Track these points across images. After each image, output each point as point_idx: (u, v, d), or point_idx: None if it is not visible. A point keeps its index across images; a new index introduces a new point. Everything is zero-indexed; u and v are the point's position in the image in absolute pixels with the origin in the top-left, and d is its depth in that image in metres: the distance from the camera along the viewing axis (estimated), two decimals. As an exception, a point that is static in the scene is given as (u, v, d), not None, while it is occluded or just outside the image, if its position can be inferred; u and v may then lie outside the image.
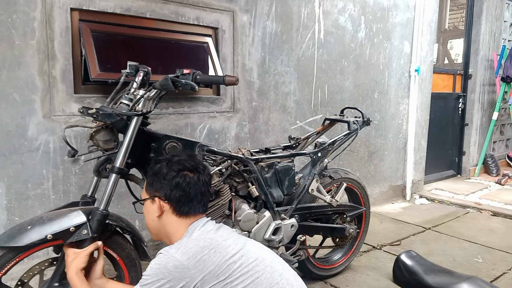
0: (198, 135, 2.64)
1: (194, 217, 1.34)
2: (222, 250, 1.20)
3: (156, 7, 2.41)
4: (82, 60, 2.21)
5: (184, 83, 1.49)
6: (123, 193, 2.28)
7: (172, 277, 1.14)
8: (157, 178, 1.34)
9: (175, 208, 1.33)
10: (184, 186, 1.32)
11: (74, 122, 2.17)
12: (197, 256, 1.17)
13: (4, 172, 2.03)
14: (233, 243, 1.25)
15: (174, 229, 1.34)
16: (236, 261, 1.20)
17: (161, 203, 1.33)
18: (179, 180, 1.32)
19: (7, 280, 1.60)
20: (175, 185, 1.31)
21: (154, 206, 1.34)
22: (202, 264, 1.16)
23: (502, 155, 5.79)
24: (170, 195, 1.32)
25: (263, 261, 1.25)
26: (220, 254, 1.19)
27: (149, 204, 1.36)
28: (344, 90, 3.49)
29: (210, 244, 1.21)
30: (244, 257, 1.22)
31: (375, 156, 3.88)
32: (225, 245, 1.22)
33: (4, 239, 1.31)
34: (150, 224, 1.38)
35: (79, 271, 1.32)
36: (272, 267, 1.26)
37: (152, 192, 1.35)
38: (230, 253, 1.21)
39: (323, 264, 2.39)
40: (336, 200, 2.15)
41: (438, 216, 3.63)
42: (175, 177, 1.32)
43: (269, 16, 2.93)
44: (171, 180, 1.32)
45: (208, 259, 1.17)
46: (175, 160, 1.37)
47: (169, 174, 1.32)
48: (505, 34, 5.45)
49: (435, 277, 2.13)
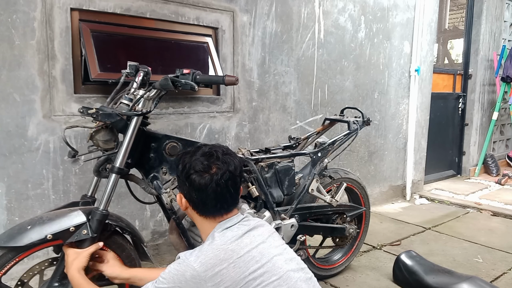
0: (198, 135, 2.64)
1: (219, 218, 1.28)
2: (242, 265, 1.15)
3: (156, 7, 2.41)
4: (82, 60, 2.21)
5: (184, 83, 1.49)
6: (123, 193, 2.28)
7: (188, 287, 1.13)
8: (177, 175, 1.32)
9: (193, 208, 1.30)
10: (196, 188, 1.25)
11: (74, 122, 2.17)
12: (215, 269, 1.13)
13: (4, 172, 2.03)
14: (258, 254, 1.18)
15: (200, 225, 1.32)
16: (256, 277, 1.14)
17: (183, 200, 1.31)
18: (190, 187, 1.27)
19: (7, 280, 1.60)
20: (188, 190, 1.27)
21: (181, 199, 1.32)
22: (219, 278, 1.12)
23: (502, 155, 5.79)
24: (187, 195, 1.29)
25: (286, 281, 1.18)
26: (239, 270, 1.14)
27: (178, 196, 1.35)
28: (344, 90, 3.49)
29: (230, 257, 1.15)
30: (266, 274, 1.16)
31: (375, 156, 3.88)
32: (247, 259, 1.16)
33: (4, 239, 1.31)
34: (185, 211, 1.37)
35: (80, 270, 1.32)
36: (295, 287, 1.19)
37: (180, 188, 1.33)
38: (251, 269, 1.15)
39: (323, 264, 2.39)
40: (336, 200, 2.15)
41: (438, 216, 3.63)
42: (184, 182, 1.27)
43: (269, 16, 2.93)
44: (184, 181, 1.28)
45: (227, 274, 1.13)
46: (193, 159, 1.27)
47: (183, 174, 1.28)
48: (505, 34, 5.45)
49: (435, 277, 2.13)
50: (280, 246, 1.29)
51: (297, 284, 1.20)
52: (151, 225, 2.53)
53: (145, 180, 1.63)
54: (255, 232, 1.26)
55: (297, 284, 1.20)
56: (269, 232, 1.30)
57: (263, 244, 1.23)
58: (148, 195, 1.69)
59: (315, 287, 1.27)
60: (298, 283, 1.21)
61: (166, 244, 2.56)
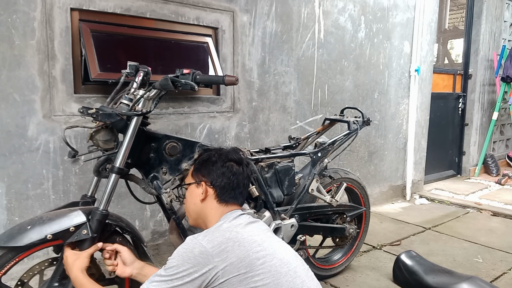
0: (198, 135, 2.64)
1: (232, 205, 1.40)
2: (246, 245, 1.22)
3: (156, 7, 2.41)
4: (82, 60, 2.21)
5: (184, 83, 1.49)
6: (123, 193, 2.28)
7: (196, 262, 1.16)
8: (206, 164, 1.43)
9: (218, 195, 1.39)
10: (230, 175, 1.40)
11: (74, 122, 2.17)
12: (221, 246, 1.19)
13: (4, 172, 2.03)
14: (260, 239, 1.27)
15: (212, 215, 1.39)
16: (259, 257, 1.21)
17: (207, 187, 1.40)
18: (226, 170, 1.41)
19: (7, 280, 1.60)
20: (222, 173, 1.40)
21: (199, 190, 1.41)
22: (226, 254, 1.18)
23: (502, 155, 5.79)
24: (217, 181, 1.39)
25: (287, 264, 1.25)
26: (244, 248, 1.21)
27: (194, 188, 1.43)
28: (344, 90, 3.49)
29: (235, 237, 1.23)
30: (269, 256, 1.23)
31: (375, 156, 3.88)
32: (251, 241, 1.24)
33: (4, 239, 1.31)
34: (191, 207, 1.44)
35: (83, 270, 1.33)
36: (295, 272, 1.26)
37: (199, 177, 1.42)
38: (254, 249, 1.22)
39: (323, 264, 2.39)
40: (336, 200, 2.15)
41: (438, 216, 3.63)
42: (223, 166, 1.41)
43: (269, 16, 2.93)
44: (220, 168, 1.41)
45: (232, 251, 1.19)
46: (224, 151, 1.47)
47: (218, 163, 1.41)
48: (505, 34, 5.45)
49: (435, 277, 2.13)
50: (278, 239, 1.39)
51: (297, 269, 1.28)
52: (151, 225, 2.53)
53: (145, 180, 1.63)
54: (256, 225, 1.36)
55: (296, 269, 1.27)
56: (266, 229, 1.40)
57: (264, 234, 1.32)
58: (148, 195, 1.69)
59: (313, 277, 1.33)
60: (298, 269, 1.28)
61: (166, 244, 2.56)
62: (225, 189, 1.39)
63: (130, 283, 1.56)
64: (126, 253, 1.44)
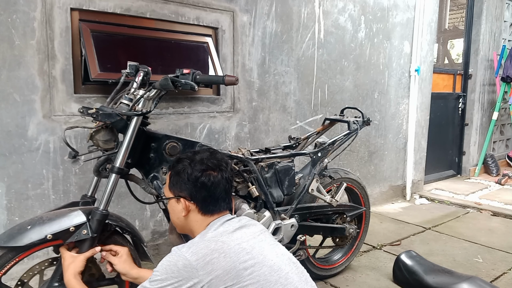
0: (198, 135, 2.64)
1: (218, 214, 1.34)
2: (233, 255, 1.17)
3: (156, 7, 2.41)
4: (82, 60, 2.21)
5: (184, 83, 1.49)
6: (123, 193, 2.28)
7: (181, 276, 1.14)
8: (181, 178, 1.33)
9: (200, 208, 1.33)
10: (209, 186, 1.32)
11: (74, 122, 2.17)
12: (206, 258, 1.16)
13: (4, 172, 2.03)
14: (249, 247, 1.21)
15: (198, 226, 1.34)
16: (247, 267, 1.17)
17: (187, 203, 1.33)
18: (204, 180, 1.31)
19: (7, 280, 1.60)
20: (200, 186, 1.31)
21: (179, 205, 1.35)
22: (211, 267, 1.15)
23: (502, 155, 5.79)
24: (196, 195, 1.32)
25: (278, 271, 1.21)
26: (230, 259, 1.17)
27: (174, 203, 1.37)
28: (344, 90, 3.49)
29: (221, 247, 1.19)
30: (257, 264, 1.19)
31: (375, 156, 3.88)
32: (238, 250, 1.19)
33: (4, 239, 1.31)
34: (176, 221, 1.40)
35: (76, 275, 1.32)
36: (287, 278, 1.21)
37: (177, 192, 1.35)
38: (241, 259, 1.18)
39: (323, 264, 2.39)
40: (336, 200, 2.15)
41: (438, 216, 3.63)
42: (199, 177, 1.31)
43: (269, 16, 2.93)
44: (196, 181, 1.31)
45: (217, 262, 1.15)
46: (198, 159, 1.35)
47: (193, 175, 1.31)
48: (505, 34, 5.45)
49: (435, 277, 2.13)
50: (272, 242, 1.33)
51: (289, 275, 1.23)
52: (151, 225, 2.53)
53: (145, 180, 1.63)
54: (246, 230, 1.30)
55: (288, 276, 1.23)
56: (260, 231, 1.34)
57: (253, 239, 1.27)
58: (148, 195, 1.69)
59: (307, 280, 1.29)
60: (290, 275, 1.23)
61: (166, 244, 2.56)
62: (207, 201, 1.32)
63: (130, 283, 1.56)
64: (122, 261, 1.43)
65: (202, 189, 1.31)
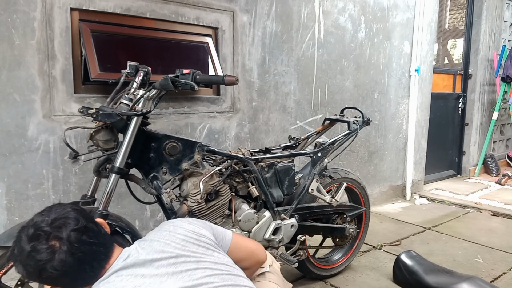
0: (198, 135, 2.64)
1: (93, 279, 1.04)
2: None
3: (156, 7, 2.41)
4: (82, 60, 2.21)
5: (184, 83, 1.49)
6: (123, 193, 2.28)
7: None
8: (27, 277, 1.04)
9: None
10: (60, 274, 0.99)
11: (74, 122, 2.17)
12: None
13: (4, 172, 2.03)
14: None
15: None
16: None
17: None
18: (47, 275, 0.98)
19: (7, 280, 1.60)
20: (52, 279, 1.00)
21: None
22: None
23: (502, 155, 5.79)
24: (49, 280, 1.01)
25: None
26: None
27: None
28: (344, 90, 3.49)
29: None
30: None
31: (375, 156, 3.88)
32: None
33: (4, 239, 1.32)
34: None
35: None
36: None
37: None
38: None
39: (323, 264, 2.39)
40: (336, 200, 2.15)
41: (438, 216, 3.63)
42: (40, 275, 0.99)
43: (269, 16, 2.93)
44: (39, 278, 1.00)
45: None
46: (27, 251, 0.97)
47: (35, 274, 0.99)
48: (505, 34, 5.45)
49: (435, 277, 2.13)
50: (181, 270, 1.06)
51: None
52: (151, 225, 2.52)
53: (145, 180, 1.63)
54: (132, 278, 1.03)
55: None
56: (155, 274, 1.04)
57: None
58: (148, 195, 1.69)
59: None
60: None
61: None
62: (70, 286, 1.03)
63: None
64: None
65: (60, 279, 0.99)
